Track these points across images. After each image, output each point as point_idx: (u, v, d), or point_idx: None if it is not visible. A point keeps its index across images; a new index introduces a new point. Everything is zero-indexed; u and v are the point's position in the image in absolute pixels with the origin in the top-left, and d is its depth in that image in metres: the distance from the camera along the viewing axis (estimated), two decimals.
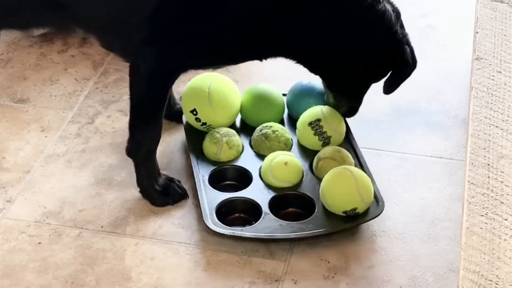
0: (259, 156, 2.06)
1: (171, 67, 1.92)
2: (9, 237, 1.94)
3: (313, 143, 2.08)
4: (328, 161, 1.99)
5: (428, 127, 2.24)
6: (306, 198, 1.96)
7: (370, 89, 2.38)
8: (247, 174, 2.03)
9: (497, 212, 1.61)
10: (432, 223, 1.96)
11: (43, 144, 2.20)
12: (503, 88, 1.90)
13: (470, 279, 1.49)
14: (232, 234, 1.88)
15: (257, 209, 1.94)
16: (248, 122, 2.17)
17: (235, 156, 2.07)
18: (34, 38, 2.59)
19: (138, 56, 1.91)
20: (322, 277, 1.83)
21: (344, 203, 1.90)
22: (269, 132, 2.07)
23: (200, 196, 1.95)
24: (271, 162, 1.99)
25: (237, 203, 1.96)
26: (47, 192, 2.06)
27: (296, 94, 2.18)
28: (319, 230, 1.88)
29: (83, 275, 1.85)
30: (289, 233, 1.88)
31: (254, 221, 1.92)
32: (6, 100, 2.36)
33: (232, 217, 1.95)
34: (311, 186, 1.99)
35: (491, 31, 2.05)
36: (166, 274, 1.84)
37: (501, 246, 1.55)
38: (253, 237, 1.88)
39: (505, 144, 1.76)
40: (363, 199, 1.89)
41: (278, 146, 2.06)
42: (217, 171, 2.04)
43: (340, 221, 1.90)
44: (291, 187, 1.98)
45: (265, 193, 1.97)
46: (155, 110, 1.96)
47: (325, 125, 2.06)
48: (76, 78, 2.44)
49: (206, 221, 1.89)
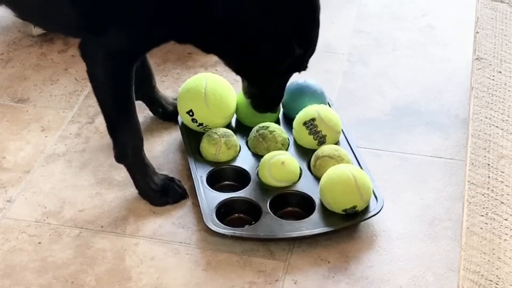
0: (257, 156, 2.07)
1: (113, 52, 1.88)
2: (9, 237, 1.94)
3: (309, 142, 2.08)
4: (326, 159, 1.99)
5: (428, 127, 2.24)
6: (305, 197, 1.96)
7: (369, 89, 2.39)
8: (245, 174, 2.03)
9: (497, 212, 1.61)
10: (432, 223, 1.96)
11: (43, 144, 2.20)
12: (503, 88, 1.90)
13: (470, 279, 1.49)
14: (233, 234, 1.88)
15: (256, 209, 1.94)
16: (243, 122, 2.17)
17: (234, 157, 2.07)
18: (34, 38, 2.59)
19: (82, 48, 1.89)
20: (322, 277, 1.83)
21: (343, 201, 1.90)
22: (266, 133, 2.07)
23: (199, 197, 1.95)
24: (268, 163, 1.99)
25: (236, 203, 1.96)
26: (47, 192, 2.06)
27: (291, 94, 2.16)
28: (320, 228, 1.88)
29: (83, 275, 1.85)
30: (289, 232, 1.88)
31: (253, 221, 1.92)
32: (6, 100, 2.36)
33: (231, 217, 1.95)
34: (309, 185, 1.99)
35: (492, 31, 2.05)
36: (166, 274, 1.84)
37: (501, 246, 1.55)
38: (254, 237, 1.88)
39: (505, 144, 1.76)
40: (362, 197, 1.90)
41: (275, 146, 2.06)
42: (215, 172, 2.04)
43: (340, 219, 1.90)
44: (290, 186, 1.98)
45: (264, 193, 1.97)
46: (122, 104, 1.94)
47: (320, 124, 2.06)
48: (76, 78, 2.44)
49: (206, 222, 1.89)
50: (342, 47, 2.56)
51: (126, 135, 1.97)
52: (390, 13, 2.73)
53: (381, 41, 2.60)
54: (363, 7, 2.76)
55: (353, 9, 2.75)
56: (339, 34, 2.63)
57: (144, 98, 2.22)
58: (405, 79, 2.42)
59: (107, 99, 1.94)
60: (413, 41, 2.60)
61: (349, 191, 1.89)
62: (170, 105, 2.24)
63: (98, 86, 1.92)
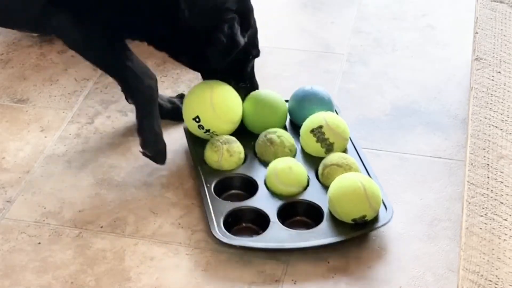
0: (263, 164, 2.04)
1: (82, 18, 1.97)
2: (9, 237, 1.94)
3: (317, 150, 2.06)
4: (334, 168, 1.97)
5: (428, 127, 2.24)
6: (314, 206, 1.94)
7: (369, 89, 2.39)
8: (252, 183, 2.01)
9: (497, 212, 1.61)
10: (432, 223, 1.96)
11: (43, 144, 2.20)
12: (502, 88, 1.90)
13: (469, 279, 1.49)
14: (242, 245, 1.86)
15: (264, 218, 1.91)
16: (250, 129, 2.15)
17: (237, 164, 2.05)
18: (34, 38, 2.59)
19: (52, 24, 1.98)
20: (322, 277, 1.83)
21: (353, 211, 1.87)
22: (274, 137, 2.06)
23: (206, 207, 1.93)
24: (276, 169, 1.97)
25: (244, 213, 1.94)
26: (47, 192, 2.06)
27: (298, 100, 2.16)
28: (329, 238, 1.86)
29: (82, 275, 1.85)
30: (298, 242, 1.85)
31: (261, 230, 1.90)
32: (6, 100, 2.36)
33: (239, 227, 1.93)
34: (317, 194, 1.96)
35: (491, 32, 2.05)
36: (166, 274, 1.84)
37: (501, 246, 1.55)
38: (263, 248, 1.86)
39: (504, 145, 1.76)
40: (372, 206, 1.87)
41: (283, 152, 2.04)
42: (222, 180, 2.02)
43: (349, 229, 1.88)
44: (298, 194, 1.96)
45: (272, 202, 1.95)
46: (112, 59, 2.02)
47: (327, 132, 2.04)
48: (76, 78, 2.44)
49: (214, 233, 1.87)
50: (342, 47, 2.57)
51: (137, 73, 2.02)
52: (390, 13, 2.73)
53: (381, 41, 2.60)
54: (363, 7, 2.76)
55: (353, 9, 2.75)
56: (339, 34, 2.63)
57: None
58: (405, 79, 2.42)
59: (95, 60, 2.04)
60: (412, 41, 2.60)
61: (359, 200, 1.87)
62: (167, 103, 2.24)
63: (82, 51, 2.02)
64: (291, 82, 2.38)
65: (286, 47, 2.58)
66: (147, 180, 2.08)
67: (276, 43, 2.59)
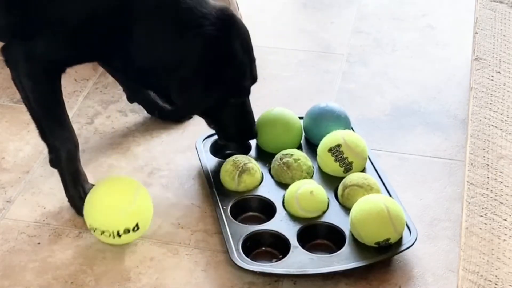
0: (280, 185, 1.98)
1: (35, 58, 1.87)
2: (9, 238, 1.94)
3: (335, 169, 1.99)
4: (354, 188, 1.91)
5: (428, 127, 2.24)
6: (335, 228, 1.87)
7: (369, 89, 2.39)
8: (270, 205, 1.94)
9: (497, 212, 1.61)
10: (432, 223, 1.96)
11: (43, 145, 2.19)
12: (502, 88, 1.90)
13: (469, 280, 1.49)
14: (262, 271, 1.79)
15: (284, 242, 1.84)
16: (264, 148, 2.08)
17: (254, 184, 1.97)
18: None
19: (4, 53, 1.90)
20: (322, 277, 1.83)
21: (377, 234, 1.81)
22: (290, 161, 1.98)
23: (223, 230, 1.87)
24: (296, 193, 1.90)
25: (262, 236, 1.87)
26: (46, 192, 2.06)
27: (313, 118, 2.09)
28: (352, 263, 1.79)
29: (82, 275, 1.85)
30: (321, 268, 1.78)
31: (280, 254, 1.84)
32: (6, 100, 2.36)
33: (258, 251, 1.86)
34: (338, 216, 1.89)
35: (491, 32, 2.05)
36: (166, 274, 1.84)
37: (501, 247, 1.55)
38: (285, 274, 1.78)
39: (504, 145, 1.76)
40: (396, 229, 1.81)
41: (301, 175, 1.97)
42: (238, 202, 1.95)
43: (373, 253, 1.81)
44: (318, 217, 1.90)
45: (291, 225, 1.87)
46: (50, 110, 1.93)
47: (346, 151, 1.98)
48: (75, 78, 2.44)
49: (233, 258, 1.80)
50: (341, 47, 2.57)
51: (58, 141, 1.94)
52: (390, 13, 2.73)
53: (380, 41, 2.60)
54: (363, 7, 2.76)
55: (353, 9, 2.75)
56: (339, 34, 2.63)
57: (141, 101, 2.24)
58: (404, 79, 2.42)
59: (33, 105, 1.93)
60: (412, 41, 2.60)
61: (383, 223, 1.80)
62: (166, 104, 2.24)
63: (23, 92, 1.92)
64: (291, 82, 2.38)
65: (286, 47, 2.58)
66: (147, 180, 2.08)
67: (276, 43, 2.59)
